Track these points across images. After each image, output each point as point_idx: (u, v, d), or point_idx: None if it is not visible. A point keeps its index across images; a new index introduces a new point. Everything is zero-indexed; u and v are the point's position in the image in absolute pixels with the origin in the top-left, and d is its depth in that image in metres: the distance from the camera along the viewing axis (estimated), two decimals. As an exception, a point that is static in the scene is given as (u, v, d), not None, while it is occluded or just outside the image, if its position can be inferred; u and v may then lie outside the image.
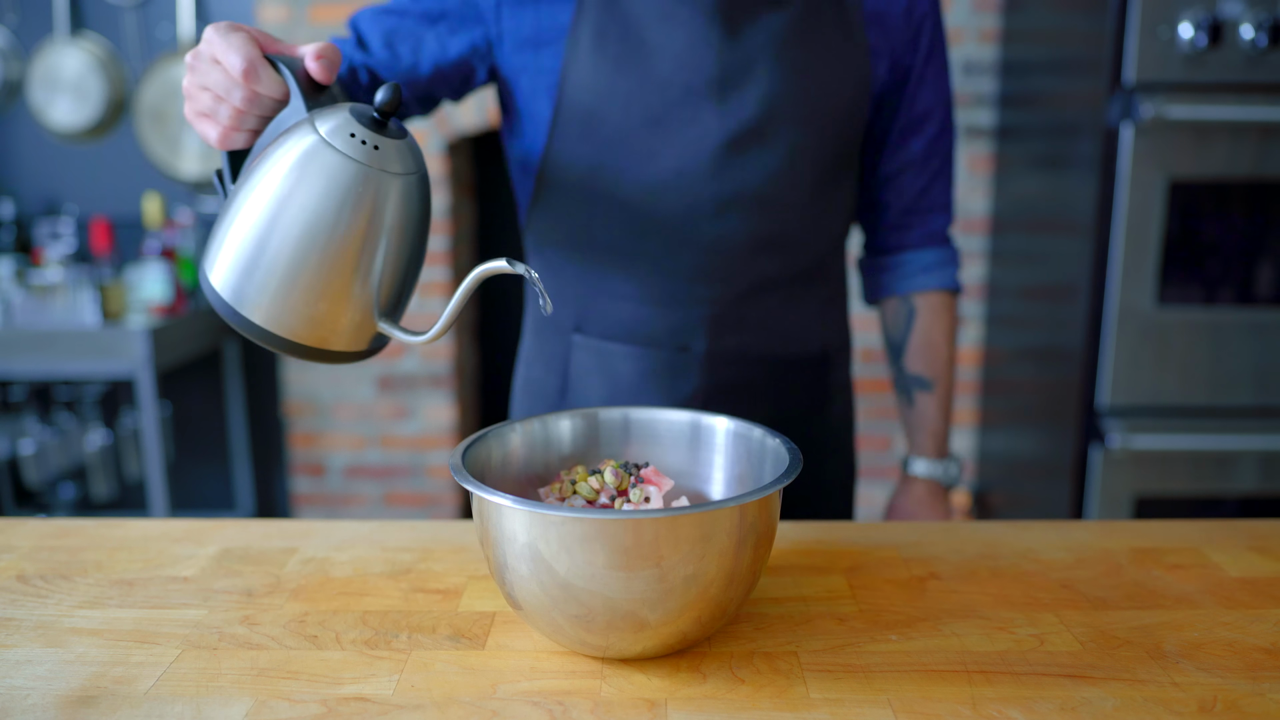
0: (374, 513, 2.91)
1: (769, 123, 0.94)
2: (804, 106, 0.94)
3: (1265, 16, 1.72)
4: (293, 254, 0.66)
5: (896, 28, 1.00)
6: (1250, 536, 0.87)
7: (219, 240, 0.69)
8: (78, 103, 2.72)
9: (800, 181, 0.97)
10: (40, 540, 0.85)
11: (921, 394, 1.12)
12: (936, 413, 1.13)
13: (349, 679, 0.63)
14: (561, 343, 1.04)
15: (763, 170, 0.95)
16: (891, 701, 0.60)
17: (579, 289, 1.02)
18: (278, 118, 0.72)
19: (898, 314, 1.13)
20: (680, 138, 0.93)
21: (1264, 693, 0.61)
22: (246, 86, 0.70)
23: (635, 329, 1.00)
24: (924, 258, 1.11)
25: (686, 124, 0.93)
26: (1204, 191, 1.83)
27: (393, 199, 0.67)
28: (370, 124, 0.68)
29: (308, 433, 2.88)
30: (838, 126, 0.97)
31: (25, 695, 0.61)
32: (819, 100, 0.95)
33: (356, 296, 0.69)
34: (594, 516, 0.57)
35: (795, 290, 1.02)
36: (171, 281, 2.52)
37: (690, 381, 1.00)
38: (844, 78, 0.97)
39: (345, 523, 0.90)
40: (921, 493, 1.13)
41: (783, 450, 0.69)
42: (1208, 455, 1.90)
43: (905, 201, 1.09)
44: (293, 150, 0.66)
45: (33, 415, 2.76)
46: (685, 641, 0.64)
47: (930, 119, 1.05)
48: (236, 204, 0.68)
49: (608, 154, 0.95)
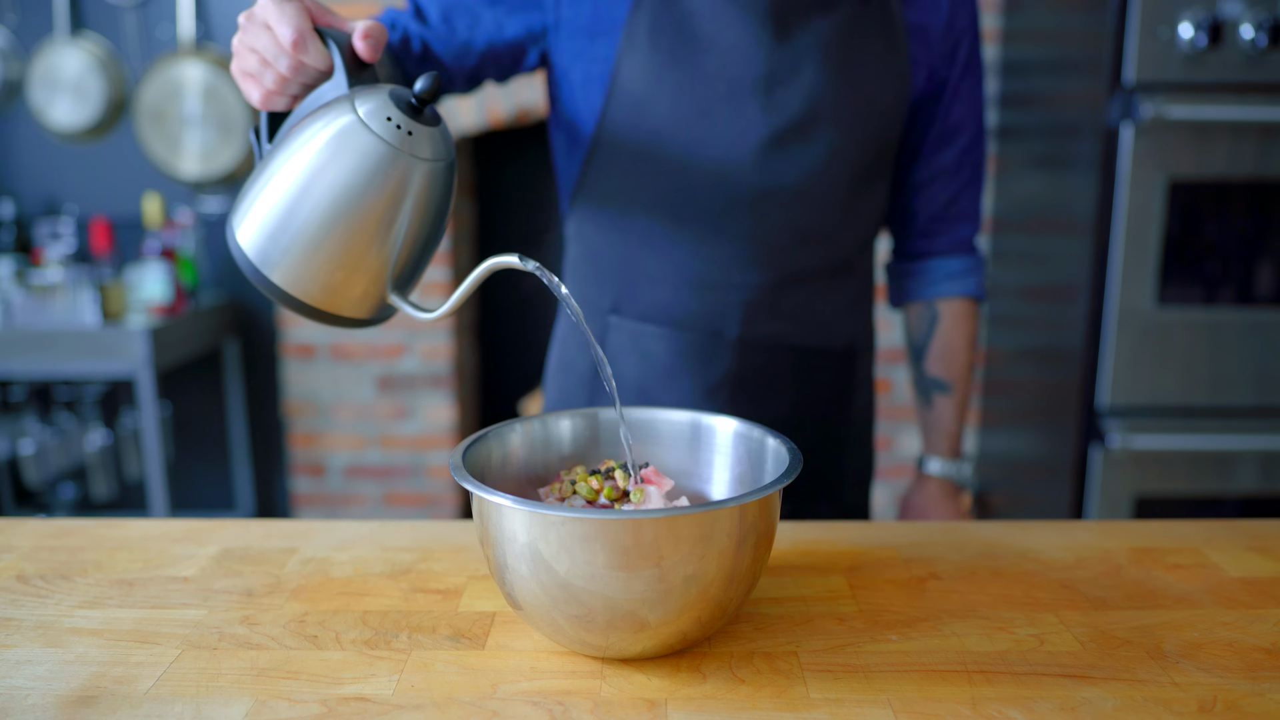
0: (374, 513, 2.91)
1: (811, 122, 0.96)
2: (846, 109, 0.97)
3: (1265, 16, 1.72)
4: (319, 225, 0.69)
5: (936, 40, 1.03)
6: (1250, 536, 0.87)
7: (249, 200, 0.72)
8: (78, 103, 2.72)
9: (837, 180, 0.99)
10: (40, 540, 0.85)
11: (940, 396, 1.16)
12: (953, 415, 1.16)
13: (349, 679, 0.62)
14: (598, 324, 1.07)
15: (802, 167, 0.97)
16: (891, 701, 0.60)
17: (618, 272, 1.04)
18: (319, 89, 0.74)
19: (921, 318, 1.16)
20: (725, 131, 0.96)
21: (1264, 693, 0.61)
22: (294, 56, 0.72)
23: (671, 312, 1.03)
24: (949, 265, 1.14)
25: (732, 118, 0.96)
26: (1204, 191, 1.83)
27: (419, 183, 0.70)
28: (407, 109, 0.70)
29: (308, 433, 2.88)
30: (877, 130, 1.00)
31: (25, 695, 0.61)
32: (860, 104, 0.98)
33: (373, 269, 0.72)
34: (594, 516, 0.57)
35: (827, 284, 1.04)
36: (171, 281, 2.52)
37: (721, 366, 1.03)
38: (885, 84, 1.00)
39: (345, 523, 0.90)
40: (935, 491, 1.16)
41: (783, 450, 0.69)
42: (1208, 455, 1.90)
43: (934, 209, 1.12)
44: (330, 126, 0.69)
45: (33, 415, 2.76)
46: (685, 641, 0.64)
47: (963, 130, 1.08)
48: (270, 169, 0.71)
49: (655, 143, 0.98)
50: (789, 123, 0.96)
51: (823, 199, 1.00)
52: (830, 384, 1.09)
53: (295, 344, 2.84)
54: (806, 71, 0.96)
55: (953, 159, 1.09)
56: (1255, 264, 1.87)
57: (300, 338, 2.83)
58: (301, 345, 2.84)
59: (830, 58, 0.96)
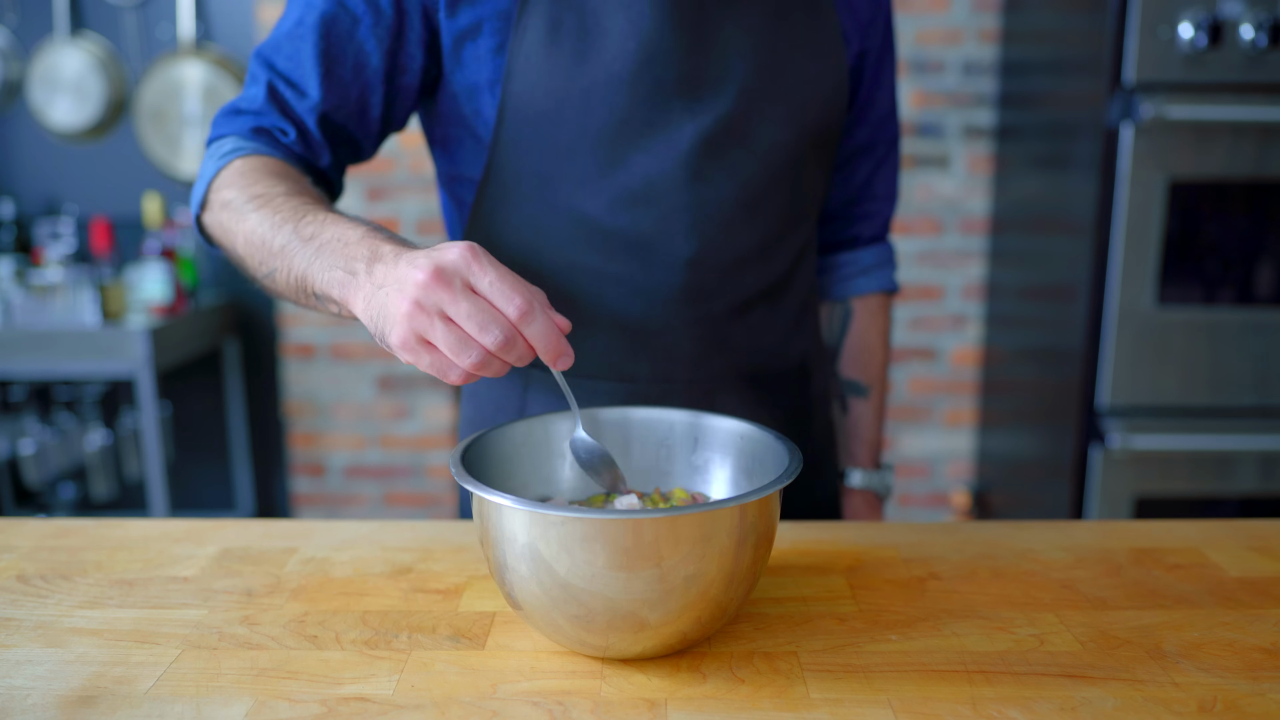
0: (374, 513, 2.91)
1: (745, 120, 0.85)
2: (781, 103, 0.86)
3: (1265, 16, 1.72)
4: None
5: (862, 9, 0.94)
6: (1250, 536, 0.87)
7: None
8: (78, 103, 2.72)
9: (780, 184, 0.88)
10: (40, 540, 0.85)
11: (856, 400, 1.07)
12: (872, 420, 1.08)
13: (349, 679, 0.62)
14: (519, 379, 0.91)
15: (740, 172, 0.86)
16: (891, 701, 0.60)
17: None
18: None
19: (832, 317, 1.08)
20: (649, 142, 0.83)
21: (1264, 693, 0.61)
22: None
23: (607, 361, 0.88)
24: (863, 259, 1.06)
25: (655, 126, 0.83)
26: (1204, 191, 1.83)
27: None
28: None
29: (308, 433, 2.88)
30: (820, 121, 0.90)
31: (25, 695, 0.61)
32: (799, 92, 0.87)
33: None
34: (594, 516, 0.57)
35: (776, 300, 0.93)
36: (171, 281, 2.52)
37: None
38: (823, 65, 0.89)
39: (345, 523, 0.90)
40: (858, 505, 1.09)
41: (783, 450, 0.69)
42: (1208, 455, 1.90)
43: (849, 192, 1.03)
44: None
45: (33, 415, 2.76)
46: (685, 641, 0.64)
47: (878, 103, 0.99)
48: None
49: (565, 163, 0.84)
50: (721, 124, 0.83)
51: (768, 209, 0.88)
52: (786, 407, 0.97)
53: (295, 344, 2.84)
54: (734, 60, 0.84)
55: (867, 135, 1.00)
56: (1255, 264, 1.87)
57: (300, 338, 2.83)
58: (301, 345, 2.84)
59: (759, 41, 0.84)
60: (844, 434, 1.09)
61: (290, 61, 0.83)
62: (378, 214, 2.71)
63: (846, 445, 1.10)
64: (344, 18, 0.82)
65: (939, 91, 2.60)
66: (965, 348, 2.72)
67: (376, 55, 0.83)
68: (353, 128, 0.86)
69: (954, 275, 2.68)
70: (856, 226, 1.06)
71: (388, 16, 0.82)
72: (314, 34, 0.82)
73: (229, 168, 0.82)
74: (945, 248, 2.67)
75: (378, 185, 2.67)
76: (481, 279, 0.60)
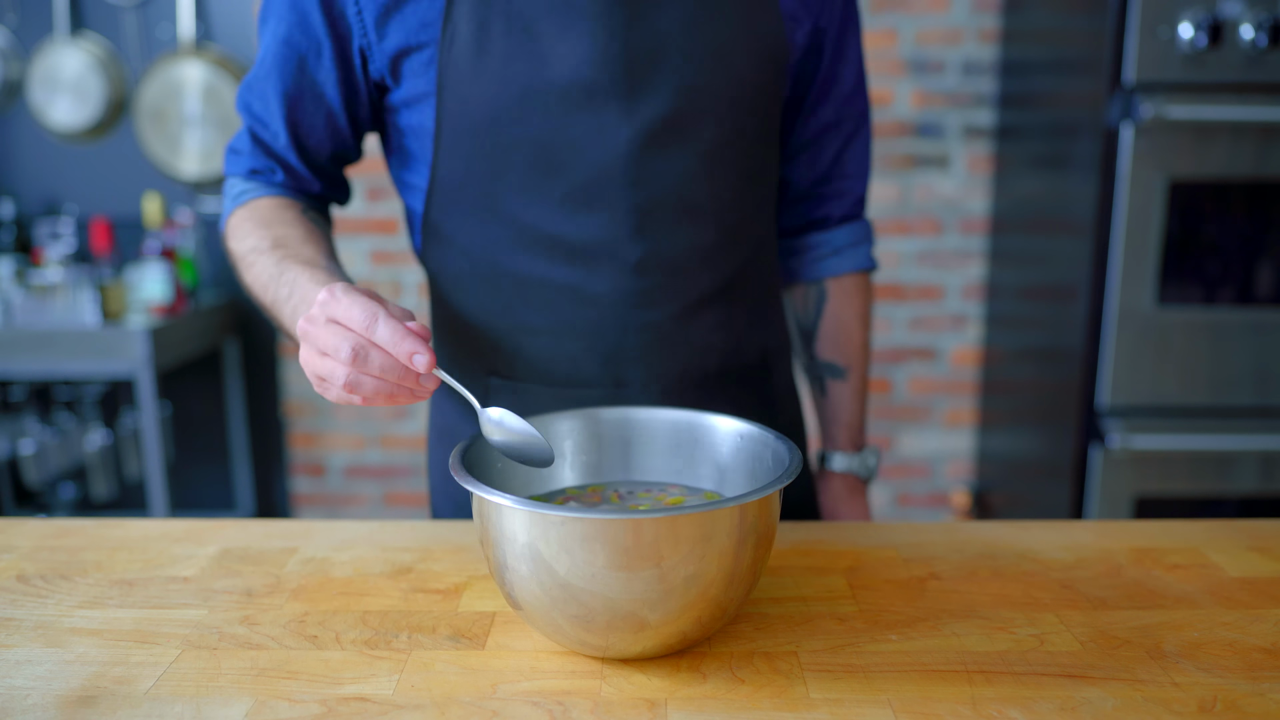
0: (374, 513, 2.91)
1: (685, 118, 0.84)
2: (721, 98, 0.85)
3: (1265, 16, 1.72)
4: None
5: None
6: (1250, 536, 0.87)
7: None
8: (78, 103, 2.72)
9: (726, 180, 0.88)
10: (40, 540, 0.85)
11: (835, 382, 1.05)
12: (852, 401, 1.06)
13: (349, 679, 0.62)
14: (478, 388, 0.92)
15: (683, 172, 0.85)
16: (891, 701, 0.60)
17: (489, 328, 0.90)
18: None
19: (807, 298, 1.06)
20: (588, 144, 0.83)
21: (1264, 693, 0.61)
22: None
23: (558, 367, 0.89)
24: (836, 238, 1.04)
25: (593, 129, 0.82)
26: (1204, 191, 1.83)
27: None
28: None
29: (308, 433, 2.88)
30: (760, 112, 0.89)
31: (25, 695, 0.61)
32: (737, 85, 0.86)
33: None
34: (594, 516, 0.57)
35: (729, 297, 0.92)
36: (171, 281, 2.52)
37: None
38: (763, 56, 0.87)
39: (345, 523, 0.90)
40: (839, 489, 1.07)
41: (783, 450, 0.69)
42: (1208, 455, 1.90)
43: (818, 170, 1.01)
44: None
45: (33, 415, 2.76)
46: (685, 641, 0.64)
47: (842, 78, 0.97)
48: None
49: (505, 172, 0.84)
50: (660, 121, 0.83)
51: (713, 205, 0.87)
52: (747, 404, 0.96)
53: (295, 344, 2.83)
54: (672, 57, 0.82)
55: (833, 111, 0.98)
56: (1255, 264, 1.87)
57: (300, 338, 2.83)
58: (301, 345, 2.83)
59: (697, 36, 0.83)
60: (822, 418, 1.08)
61: (261, 103, 0.89)
62: (378, 214, 2.71)
63: (824, 429, 1.08)
64: (293, 57, 0.86)
65: (939, 91, 2.60)
66: (965, 348, 2.72)
67: (331, 85, 0.87)
68: (331, 148, 0.92)
69: (954, 275, 2.68)
70: (827, 206, 1.03)
71: (329, 48, 0.85)
72: (275, 74, 0.87)
73: (235, 215, 0.91)
74: (945, 248, 2.67)
75: (378, 185, 2.67)
76: (336, 309, 0.67)
